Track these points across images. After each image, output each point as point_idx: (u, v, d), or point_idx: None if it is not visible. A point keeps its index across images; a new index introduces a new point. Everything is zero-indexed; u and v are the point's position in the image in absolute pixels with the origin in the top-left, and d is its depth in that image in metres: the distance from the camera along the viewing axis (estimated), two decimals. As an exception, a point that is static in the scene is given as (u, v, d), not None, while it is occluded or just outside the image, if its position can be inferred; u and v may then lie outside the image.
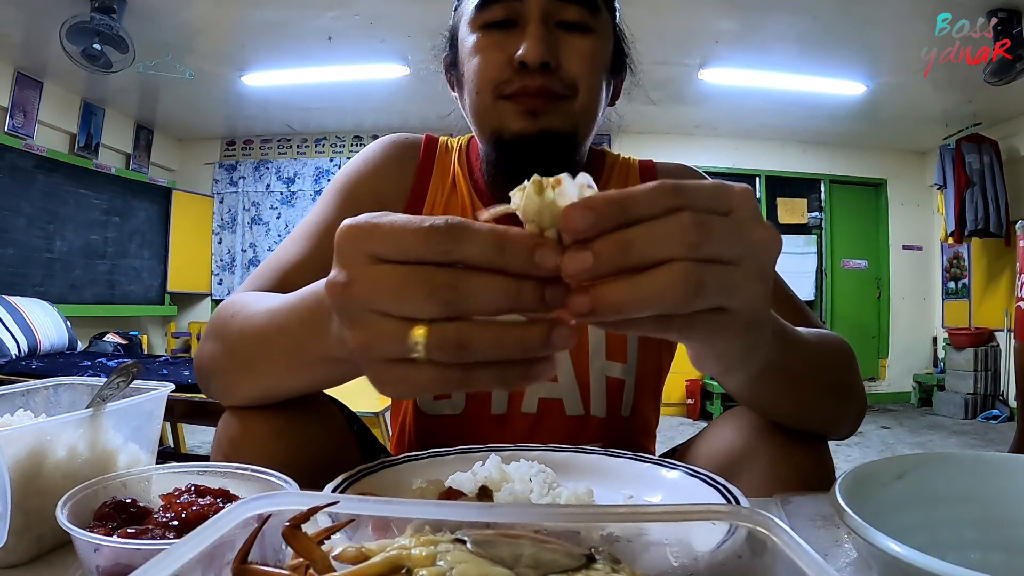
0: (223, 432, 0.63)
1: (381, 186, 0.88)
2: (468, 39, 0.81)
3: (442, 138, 0.95)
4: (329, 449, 0.64)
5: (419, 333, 0.35)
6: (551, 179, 0.35)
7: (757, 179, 6.32)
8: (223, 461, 0.53)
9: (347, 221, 0.39)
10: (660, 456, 0.70)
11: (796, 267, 6.18)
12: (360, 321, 0.37)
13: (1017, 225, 3.72)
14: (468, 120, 0.85)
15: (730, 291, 0.37)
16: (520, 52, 0.75)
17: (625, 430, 0.87)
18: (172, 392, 0.62)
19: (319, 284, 0.50)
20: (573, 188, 0.35)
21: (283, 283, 0.74)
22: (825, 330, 0.72)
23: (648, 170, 0.94)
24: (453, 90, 0.88)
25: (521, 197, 0.35)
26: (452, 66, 0.87)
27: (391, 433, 0.96)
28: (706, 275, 0.35)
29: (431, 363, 0.36)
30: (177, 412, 2.56)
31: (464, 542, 0.30)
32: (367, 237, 0.37)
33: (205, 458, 0.67)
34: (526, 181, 0.35)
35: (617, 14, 0.87)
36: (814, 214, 6.51)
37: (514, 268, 0.34)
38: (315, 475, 0.55)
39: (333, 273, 0.39)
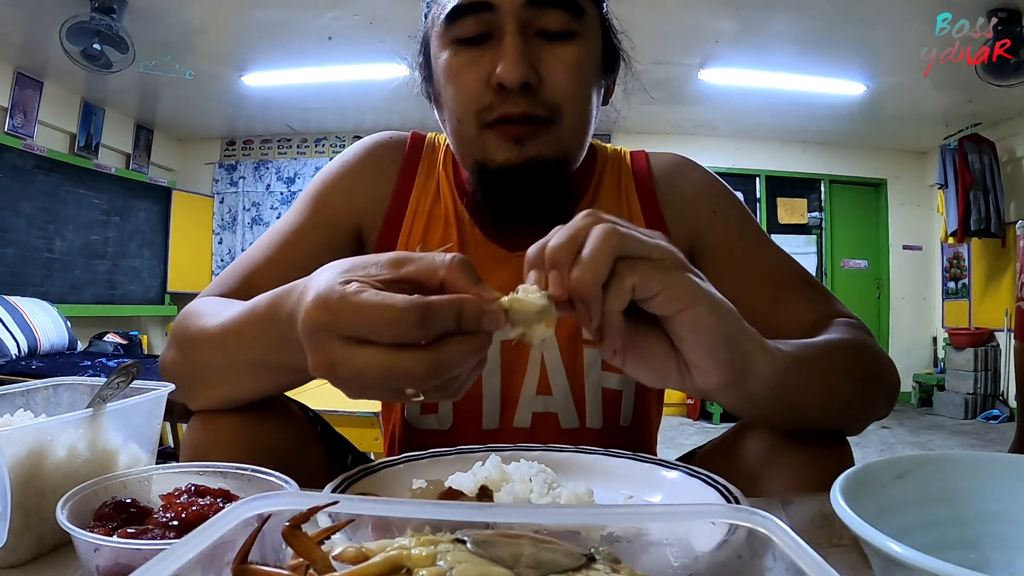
0: (188, 435, 0.66)
1: (356, 194, 0.84)
2: (441, 56, 0.74)
3: (429, 135, 0.90)
4: (290, 448, 0.65)
5: (412, 391, 0.41)
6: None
7: (757, 179, 6.32)
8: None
9: (309, 303, 0.42)
10: (677, 460, 0.68)
11: (796, 267, 6.16)
12: (354, 387, 0.42)
13: (1017, 225, 3.71)
14: (450, 144, 0.81)
15: (645, 273, 0.44)
16: (497, 72, 0.69)
17: (624, 439, 0.84)
18: (172, 392, 0.62)
19: (276, 291, 0.54)
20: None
21: (247, 288, 0.74)
22: (842, 325, 0.70)
23: (640, 161, 0.90)
24: (431, 104, 0.81)
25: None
26: (428, 80, 0.80)
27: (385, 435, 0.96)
28: (624, 241, 0.44)
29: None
30: (177, 412, 2.53)
31: (464, 542, 0.30)
32: (334, 320, 0.40)
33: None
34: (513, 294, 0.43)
35: (605, 5, 0.79)
36: (814, 214, 6.51)
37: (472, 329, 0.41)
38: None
39: (312, 360, 0.42)
